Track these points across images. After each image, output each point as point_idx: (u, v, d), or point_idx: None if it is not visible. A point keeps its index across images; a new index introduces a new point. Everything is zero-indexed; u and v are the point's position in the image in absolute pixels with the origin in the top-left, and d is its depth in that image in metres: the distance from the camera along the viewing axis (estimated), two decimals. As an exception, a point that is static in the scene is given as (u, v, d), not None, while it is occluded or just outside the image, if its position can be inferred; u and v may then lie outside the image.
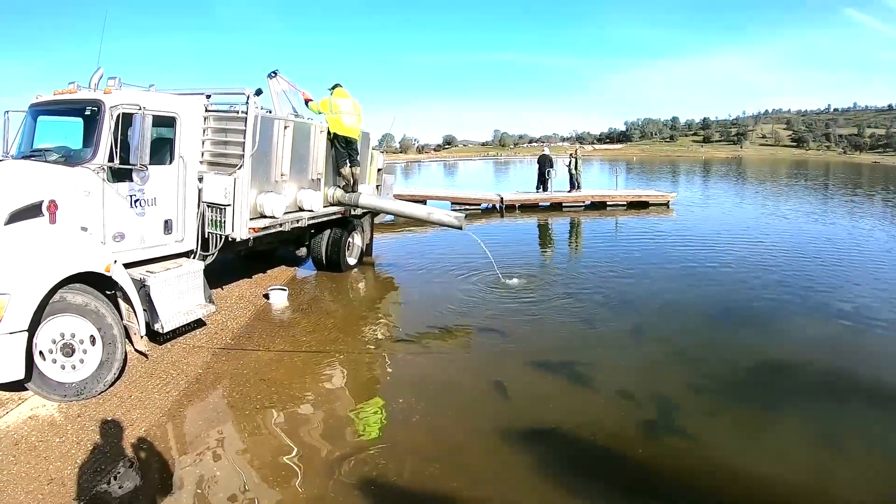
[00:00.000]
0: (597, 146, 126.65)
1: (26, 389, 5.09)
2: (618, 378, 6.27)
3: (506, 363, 6.72)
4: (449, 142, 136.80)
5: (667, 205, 22.43)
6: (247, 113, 7.30)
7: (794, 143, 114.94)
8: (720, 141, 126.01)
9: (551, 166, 23.33)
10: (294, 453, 4.68)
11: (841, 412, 5.56)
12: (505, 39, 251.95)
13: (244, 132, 7.32)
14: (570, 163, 23.23)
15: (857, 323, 8.11)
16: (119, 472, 4.29)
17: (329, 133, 9.68)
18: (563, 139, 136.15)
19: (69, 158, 6.01)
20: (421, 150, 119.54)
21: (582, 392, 6.00)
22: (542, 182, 23.33)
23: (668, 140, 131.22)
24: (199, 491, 4.15)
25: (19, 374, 4.70)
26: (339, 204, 10.18)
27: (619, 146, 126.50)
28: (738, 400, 5.80)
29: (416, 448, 4.81)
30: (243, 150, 7.34)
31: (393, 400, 5.69)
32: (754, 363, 6.68)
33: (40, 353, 4.98)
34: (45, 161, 5.95)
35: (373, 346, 7.31)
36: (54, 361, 5.07)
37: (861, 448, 4.93)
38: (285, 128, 8.43)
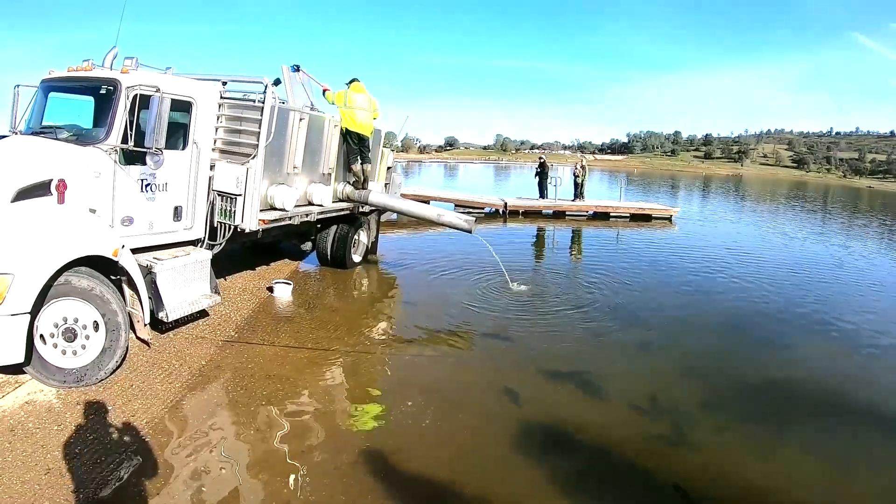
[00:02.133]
0: (598, 156, 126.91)
1: (24, 373, 4.93)
2: (626, 389, 6.18)
3: (515, 370, 6.60)
4: (451, 143, 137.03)
5: (670, 219, 22.37)
6: (264, 102, 7.13)
7: (795, 165, 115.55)
8: (721, 158, 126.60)
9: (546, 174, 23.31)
10: (299, 452, 4.54)
11: (848, 430, 5.50)
12: (512, 46, 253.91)
13: (260, 122, 7.14)
14: (577, 172, 23.21)
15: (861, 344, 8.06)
16: (119, 464, 4.11)
17: (342, 128, 9.53)
18: (565, 147, 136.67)
19: (81, 137, 5.82)
20: (422, 150, 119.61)
21: (591, 402, 5.91)
22: (543, 189, 23.24)
23: (669, 154, 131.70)
24: (199, 485, 4.00)
25: (19, 357, 4.53)
26: (348, 200, 10.03)
27: (620, 157, 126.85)
28: (748, 415, 5.72)
29: (424, 452, 4.69)
30: (257, 140, 7.17)
31: (402, 402, 5.54)
32: (761, 377, 6.65)
33: (41, 336, 4.81)
34: (56, 139, 5.76)
35: (379, 346, 7.14)
36: (55, 346, 4.91)
37: (870, 468, 4.86)
38: (300, 120, 8.28)
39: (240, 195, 7.07)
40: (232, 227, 7.19)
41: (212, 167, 7.03)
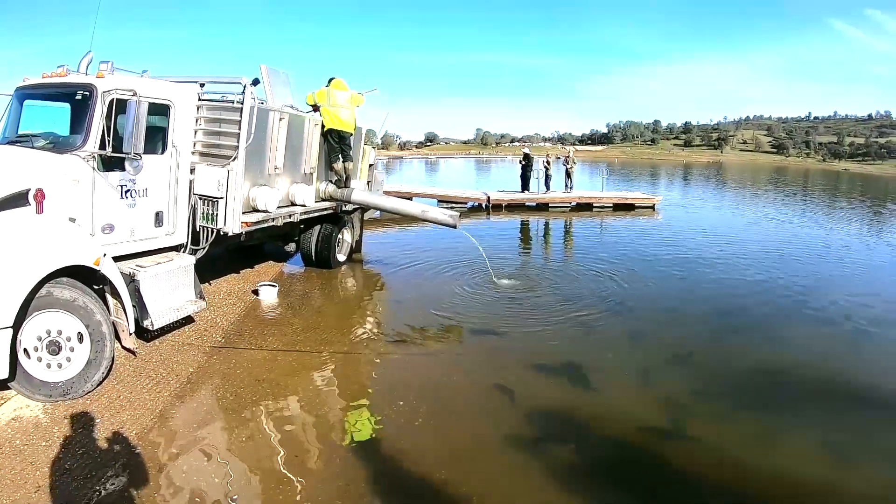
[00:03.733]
0: (578, 148, 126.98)
1: (9, 389, 4.83)
2: (619, 381, 6.24)
3: (505, 365, 6.57)
4: (431, 139, 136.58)
5: (653, 207, 22.55)
6: (243, 103, 7.03)
7: (775, 150, 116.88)
8: (701, 145, 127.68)
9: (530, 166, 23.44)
10: (291, 457, 4.50)
11: (844, 417, 5.54)
12: (488, 39, 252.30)
13: (239, 123, 7.03)
14: (566, 163, 23.35)
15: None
16: (110, 478, 4.04)
17: (322, 127, 9.44)
18: (545, 139, 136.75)
19: (57, 145, 5.72)
20: (403, 146, 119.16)
21: (584, 395, 5.92)
22: (526, 182, 23.32)
23: (649, 143, 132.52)
24: (191, 496, 3.94)
25: (3, 373, 4.44)
26: (331, 199, 9.96)
27: (600, 148, 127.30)
28: (743, 404, 5.77)
29: (417, 451, 4.67)
30: (238, 142, 7.06)
31: (393, 402, 5.51)
32: (752, 365, 6.71)
33: (25, 350, 4.72)
34: (32, 147, 5.64)
35: (368, 347, 7.10)
36: (39, 360, 4.81)
37: (868, 455, 4.89)
38: (280, 120, 8.18)
39: (221, 198, 6.97)
40: (215, 230, 7.09)
41: (192, 171, 6.93)
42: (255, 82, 7.28)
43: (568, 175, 23.37)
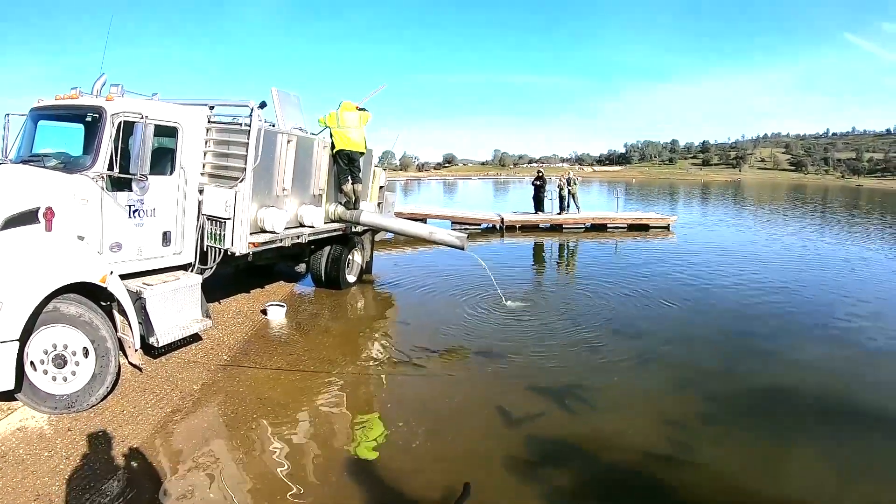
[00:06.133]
0: (596, 168, 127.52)
1: (15, 400, 4.96)
2: (625, 404, 6.16)
3: (509, 388, 6.47)
4: (449, 160, 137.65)
5: (667, 227, 22.39)
6: (250, 125, 7.21)
7: (793, 168, 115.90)
8: (719, 164, 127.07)
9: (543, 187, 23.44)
10: (289, 475, 4.52)
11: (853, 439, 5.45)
12: (507, 60, 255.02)
13: (247, 145, 7.21)
14: (560, 185, 23.27)
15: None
16: (109, 490, 4.12)
17: (332, 148, 9.62)
18: (563, 160, 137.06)
19: (68, 165, 5.93)
20: (421, 167, 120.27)
21: (587, 418, 5.84)
22: (539, 203, 23.33)
23: (667, 163, 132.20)
24: (190, 511, 4.00)
25: (9, 384, 4.57)
26: (339, 221, 10.07)
27: (618, 168, 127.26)
28: (749, 428, 5.64)
29: (418, 474, 4.65)
30: (245, 163, 7.24)
31: (393, 423, 5.50)
32: (762, 389, 6.58)
33: (31, 363, 4.85)
34: (44, 167, 5.87)
35: (373, 367, 7.11)
36: (45, 372, 4.94)
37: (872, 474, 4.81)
38: (288, 142, 8.37)
39: (229, 219, 7.12)
40: (222, 251, 7.23)
41: (201, 191, 7.09)
42: (263, 105, 7.46)
43: (572, 196, 23.14)
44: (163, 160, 6.52)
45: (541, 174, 24.18)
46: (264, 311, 8.83)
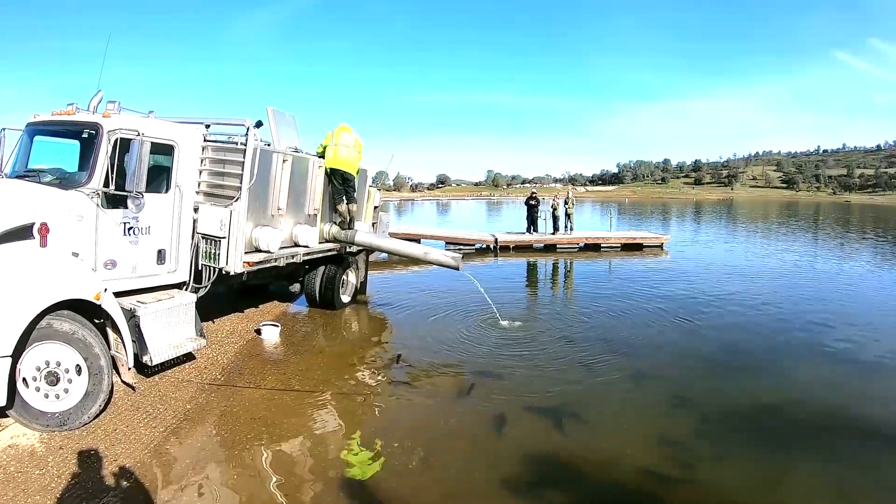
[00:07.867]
0: (589, 188, 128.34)
1: (7, 416, 4.92)
2: (620, 424, 6.11)
3: (504, 408, 6.38)
4: (442, 181, 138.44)
5: (661, 246, 22.52)
6: (246, 144, 7.26)
7: (785, 185, 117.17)
8: (711, 183, 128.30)
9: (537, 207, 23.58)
10: (284, 496, 4.48)
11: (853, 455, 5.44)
12: (500, 81, 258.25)
13: (242, 164, 7.25)
14: (554, 205, 23.45)
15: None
16: (100, 510, 4.08)
17: (326, 169, 9.67)
18: (556, 180, 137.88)
19: (64, 181, 5.94)
20: (415, 188, 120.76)
21: (583, 437, 5.81)
22: (533, 222, 23.45)
23: (659, 182, 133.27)
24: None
25: (1, 400, 4.53)
26: (334, 241, 10.09)
27: (611, 188, 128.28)
28: (746, 446, 5.60)
29: (413, 495, 4.60)
30: (241, 182, 7.26)
31: (388, 444, 5.43)
32: (756, 406, 6.58)
33: (24, 379, 4.82)
34: (39, 182, 5.87)
35: (367, 388, 7.05)
36: (38, 389, 4.91)
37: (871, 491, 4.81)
38: (284, 161, 8.41)
39: (224, 238, 7.12)
40: (217, 269, 7.22)
41: (196, 210, 7.11)
42: (259, 124, 7.51)
43: (568, 217, 23.34)
44: (158, 178, 6.55)
45: (534, 194, 24.36)
46: (258, 331, 8.81)
